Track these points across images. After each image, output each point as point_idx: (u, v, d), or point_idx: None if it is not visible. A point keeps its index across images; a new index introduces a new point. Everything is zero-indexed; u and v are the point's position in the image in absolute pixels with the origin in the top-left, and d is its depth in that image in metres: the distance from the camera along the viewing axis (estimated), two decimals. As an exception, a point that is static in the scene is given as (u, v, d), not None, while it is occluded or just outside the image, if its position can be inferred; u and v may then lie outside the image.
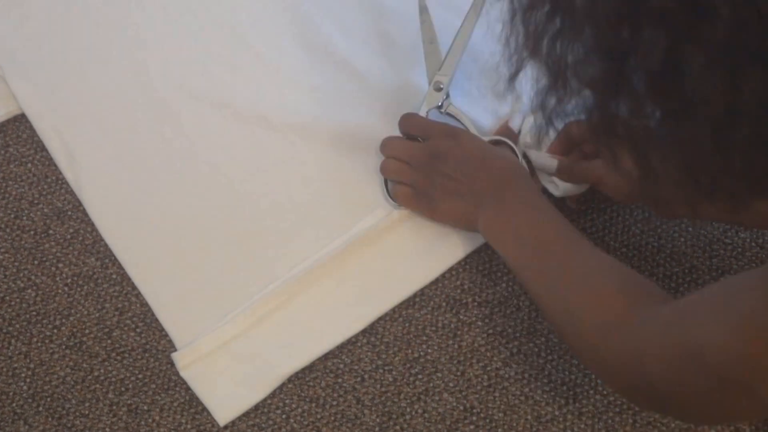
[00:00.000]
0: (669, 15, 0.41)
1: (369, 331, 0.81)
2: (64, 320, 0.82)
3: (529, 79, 0.52)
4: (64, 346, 0.81)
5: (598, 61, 0.46)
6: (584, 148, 0.80)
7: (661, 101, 0.45)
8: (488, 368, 0.79)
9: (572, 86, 0.49)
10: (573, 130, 0.79)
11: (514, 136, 0.83)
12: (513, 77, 0.55)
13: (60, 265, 0.83)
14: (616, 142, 0.50)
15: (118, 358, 0.81)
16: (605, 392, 0.78)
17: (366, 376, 0.79)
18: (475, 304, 0.81)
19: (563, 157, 0.79)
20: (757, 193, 0.47)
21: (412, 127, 0.82)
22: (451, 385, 0.79)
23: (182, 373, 0.79)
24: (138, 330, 0.81)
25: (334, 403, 0.79)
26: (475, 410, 0.78)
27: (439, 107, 0.83)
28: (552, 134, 0.79)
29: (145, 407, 0.79)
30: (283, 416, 0.79)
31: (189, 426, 0.79)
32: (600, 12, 0.44)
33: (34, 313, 0.82)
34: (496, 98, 0.85)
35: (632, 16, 0.43)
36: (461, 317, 0.81)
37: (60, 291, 0.82)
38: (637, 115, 0.46)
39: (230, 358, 0.79)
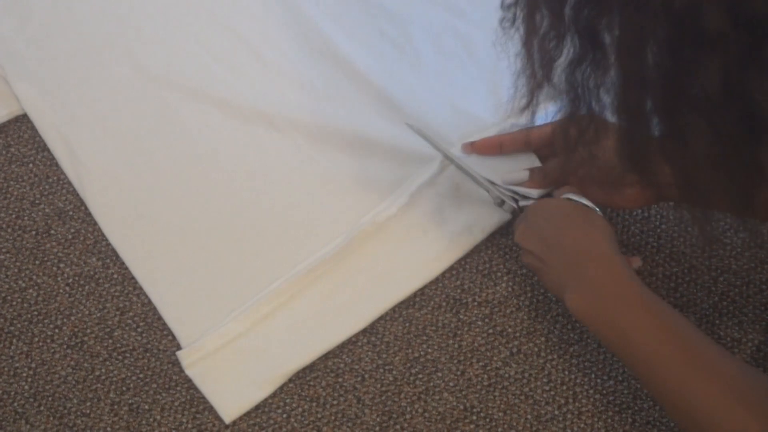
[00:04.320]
0: (726, 40, 0.40)
1: (369, 330, 0.81)
2: (65, 320, 0.82)
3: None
4: (65, 346, 0.81)
5: (633, 88, 0.45)
6: (539, 153, 0.79)
7: (718, 126, 0.44)
8: (488, 368, 0.79)
9: (597, 111, 0.49)
10: (532, 136, 0.77)
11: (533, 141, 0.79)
12: (528, 106, 0.55)
13: (61, 264, 0.83)
14: (649, 162, 0.49)
15: (120, 357, 0.81)
16: (605, 392, 0.78)
17: (366, 376, 0.80)
18: (475, 304, 0.81)
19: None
20: None
21: None
22: (451, 384, 0.79)
23: (187, 371, 0.79)
24: (139, 329, 0.81)
25: (335, 402, 0.79)
26: (475, 410, 0.78)
27: None
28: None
29: (146, 407, 0.79)
30: (284, 415, 0.79)
31: (190, 425, 0.79)
32: (640, 37, 0.43)
33: (36, 312, 0.82)
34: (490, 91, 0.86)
35: (683, 41, 0.42)
36: (461, 317, 0.81)
37: (61, 291, 0.83)
38: (681, 139, 0.45)
39: (235, 355, 0.79)
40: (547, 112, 0.74)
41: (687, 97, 0.43)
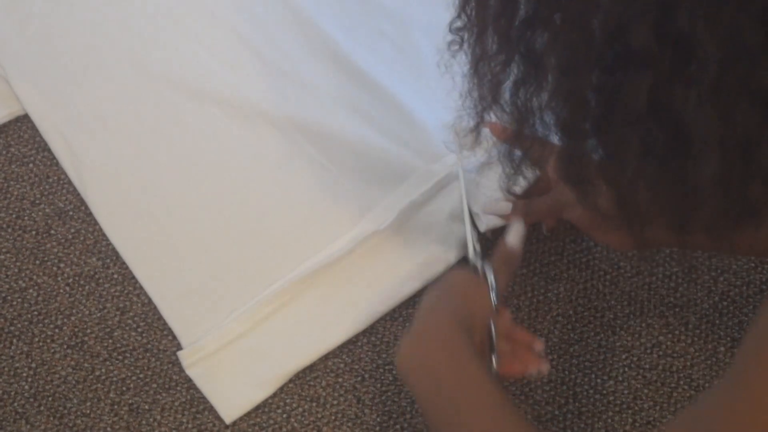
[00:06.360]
0: (652, 57, 0.42)
1: (369, 330, 0.81)
2: (65, 320, 0.82)
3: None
4: (65, 346, 0.81)
5: (571, 106, 0.46)
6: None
7: (648, 142, 0.45)
8: (488, 368, 0.79)
9: (540, 131, 0.50)
10: (533, 207, 0.76)
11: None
12: (476, 127, 0.56)
13: (61, 264, 0.83)
14: (587, 181, 0.50)
15: (120, 357, 0.81)
16: (605, 392, 0.78)
17: (366, 376, 0.80)
18: (475, 303, 0.81)
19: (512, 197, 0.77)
20: (738, 224, 0.47)
21: None
22: (451, 384, 0.79)
23: (188, 372, 0.79)
24: (139, 330, 0.81)
25: (335, 402, 0.79)
26: (475, 410, 0.78)
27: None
28: (521, 182, 0.74)
29: (147, 407, 0.79)
30: (284, 415, 0.79)
31: (190, 425, 0.79)
32: (577, 57, 0.44)
33: (36, 312, 0.82)
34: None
35: (615, 60, 0.43)
36: (461, 317, 0.81)
37: (61, 291, 0.83)
38: (615, 156, 0.47)
39: (236, 356, 0.79)
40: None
41: (620, 113, 0.44)
